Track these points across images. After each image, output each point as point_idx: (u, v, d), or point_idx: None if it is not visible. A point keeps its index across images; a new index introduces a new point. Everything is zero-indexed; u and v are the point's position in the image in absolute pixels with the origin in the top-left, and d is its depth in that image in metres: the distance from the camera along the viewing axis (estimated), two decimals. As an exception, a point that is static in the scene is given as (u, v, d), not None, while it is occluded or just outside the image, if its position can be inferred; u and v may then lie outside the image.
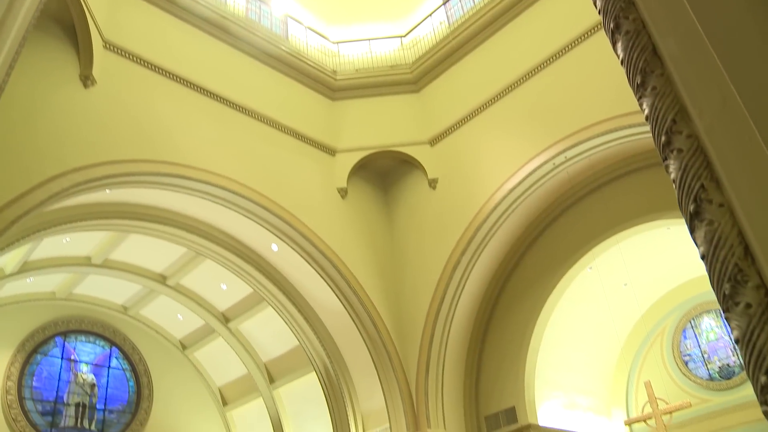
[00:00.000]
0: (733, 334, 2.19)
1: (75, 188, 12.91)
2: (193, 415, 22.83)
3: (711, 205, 2.34)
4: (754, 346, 2.10)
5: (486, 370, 18.60)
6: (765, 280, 2.16)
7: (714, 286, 2.28)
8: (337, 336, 18.22)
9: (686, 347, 20.51)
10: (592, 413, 20.16)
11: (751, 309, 2.15)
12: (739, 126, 2.31)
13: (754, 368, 2.09)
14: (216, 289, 20.71)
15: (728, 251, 2.24)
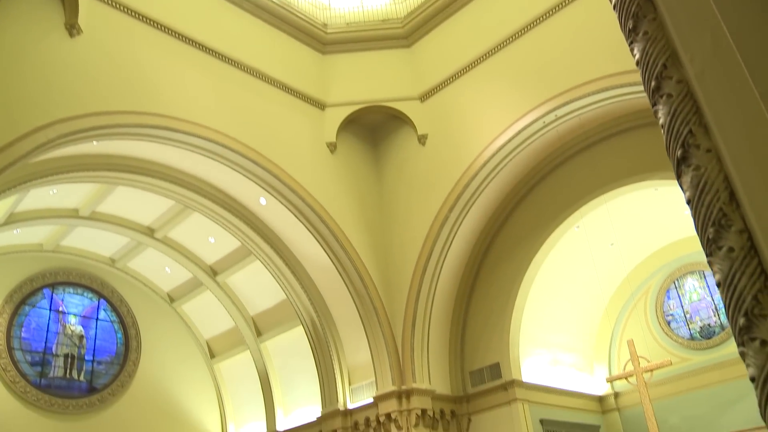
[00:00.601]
0: (715, 277, 2.21)
1: (61, 139, 12.77)
2: (181, 367, 23.02)
3: (698, 150, 2.33)
4: (734, 289, 2.12)
5: (471, 326, 18.81)
6: (748, 225, 2.17)
7: (698, 230, 2.30)
8: (324, 290, 18.32)
9: (669, 307, 20.80)
10: (575, 370, 20.50)
11: (733, 253, 2.16)
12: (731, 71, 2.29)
13: (733, 310, 2.12)
14: (204, 243, 20.71)
15: (714, 196, 2.25)
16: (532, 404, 17.81)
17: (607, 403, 20.76)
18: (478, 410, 18.06)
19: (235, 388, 23.34)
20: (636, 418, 19.40)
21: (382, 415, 17.22)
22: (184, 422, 22.42)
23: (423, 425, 17.16)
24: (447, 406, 18.06)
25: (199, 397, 23.16)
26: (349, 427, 18.11)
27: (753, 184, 2.18)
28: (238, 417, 23.28)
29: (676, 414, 19.17)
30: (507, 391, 17.55)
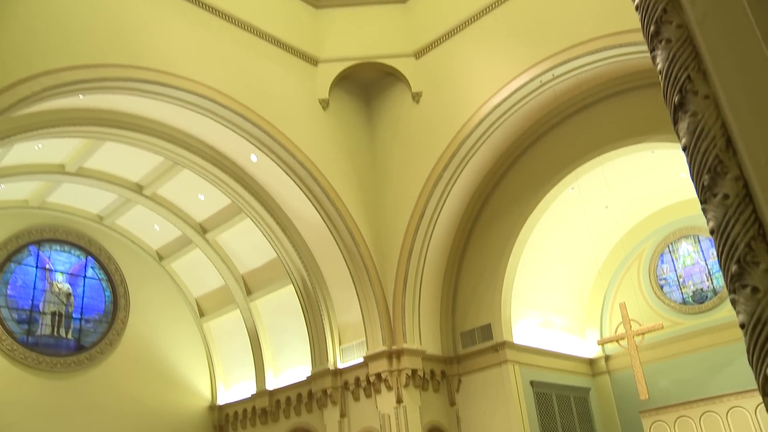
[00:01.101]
0: (709, 225, 2.21)
1: (46, 92, 12.62)
2: (170, 325, 23.15)
3: (696, 96, 2.32)
4: (727, 236, 2.12)
5: (463, 287, 18.95)
6: (744, 172, 2.17)
7: (693, 177, 2.29)
8: (315, 249, 18.38)
9: (662, 271, 20.97)
10: (566, 333, 20.73)
11: (728, 200, 2.16)
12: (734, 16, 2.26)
13: (726, 258, 2.13)
14: (193, 200, 20.66)
15: (710, 143, 2.24)
16: (522, 366, 18.05)
17: (598, 366, 21.06)
18: (469, 371, 18.29)
19: (225, 348, 23.52)
20: (626, 381, 19.70)
21: (372, 375, 17.43)
22: (173, 381, 22.63)
23: (413, 385, 17.38)
24: (437, 367, 18.28)
25: (189, 356, 23.34)
26: (339, 386, 18.33)
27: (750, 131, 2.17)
28: (227, 376, 23.51)
29: (666, 377, 19.48)
30: (498, 352, 17.76)
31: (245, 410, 22.14)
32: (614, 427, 20.34)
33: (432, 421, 17.78)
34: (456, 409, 18.30)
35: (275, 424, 21.05)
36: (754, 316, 2.01)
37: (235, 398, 22.81)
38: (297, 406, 20.38)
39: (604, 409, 20.61)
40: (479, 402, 17.94)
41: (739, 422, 16.01)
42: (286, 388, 20.76)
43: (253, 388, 21.89)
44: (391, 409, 17.06)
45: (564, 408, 19.22)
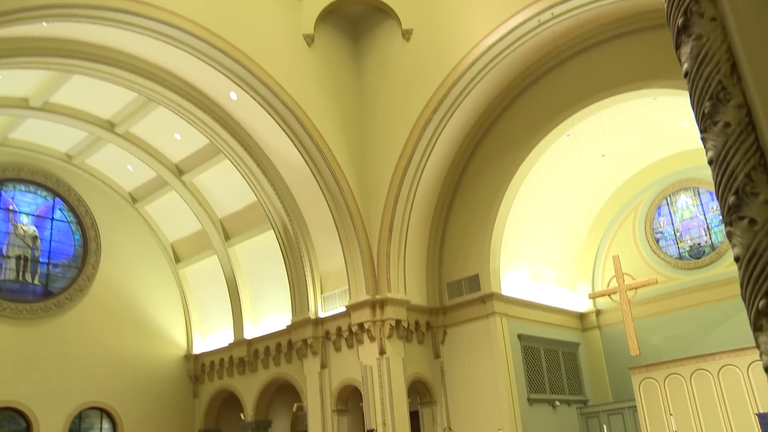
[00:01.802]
0: (708, 154, 2.20)
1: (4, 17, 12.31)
2: (144, 271, 23.18)
3: (702, 18, 2.27)
4: (727, 165, 2.11)
5: (451, 236, 19.01)
6: (748, 100, 2.14)
7: (694, 104, 2.27)
8: (297, 193, 18.33)
9: (659, 224, 21.12)
10: (556, 285, 20.95)
11: (729, 128, 2.14)
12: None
13: (724, 189, 2.11)
14: (169, 139, 20.47)
15: (714, 68, 2.21)
16: (510, 318, 18.27)
17: (588, 321, 21.37)
18: (455, 323, 18.50)
19: (201, 295, 23.62)
20: (616, 337, 20.01)
21: (355, 325, 17.59)
22: (147, 329, 22.75)
23: (397, 336, 17.58)
24: (422, 318, 18.47)
25: (163, 303, 23.43)
26: (320, 336, 18.51)
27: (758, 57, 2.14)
28: (204, 325, 23.67)
29: (658, 334, 19.80)
30: (485, 304, 17.95)
31: (222, 360, 22.39)
32: (603, 383, 20.74)
33: (415, 373, 18.04)
34: (440, 362, 18.56)
35: (253, 374, 21.32)
36: (750, 249, 2.01)
37: (211, 347, 23.04)
38: (276, 356, 20.62)
39: (593, 364, 20.98)
40: (465, 355, 18.19)
41: (730, 381, 16.32)
42: (265, 337, 20.97)
43: (230, 337, 22.08)
44: (374, 360, 17.27)
45: (552, 363, 19.55)
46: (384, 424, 16.44)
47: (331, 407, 18.07)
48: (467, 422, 17.70)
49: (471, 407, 17.75)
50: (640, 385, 17.72)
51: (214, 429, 22.99)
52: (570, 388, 19.93)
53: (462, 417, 17.87)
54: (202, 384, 23.25)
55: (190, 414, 23.09)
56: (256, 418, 21.12)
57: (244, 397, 21.58)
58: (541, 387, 18.85)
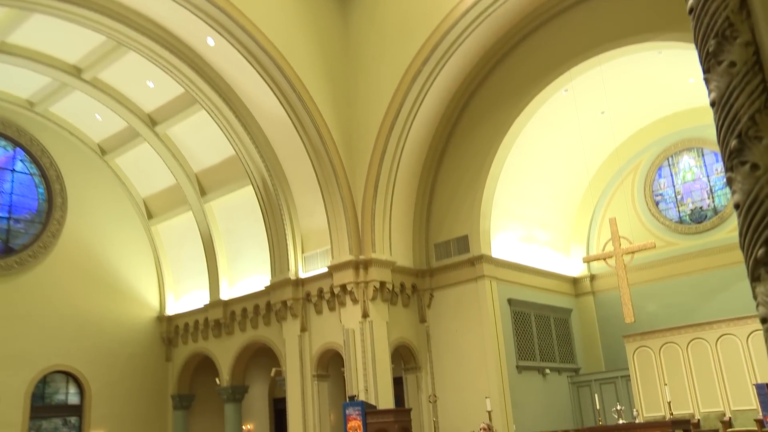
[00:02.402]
0: (710, 96, 2.19)
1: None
2: (114, 227, 23.07)
3: (708, -51, 2.24)
4: (730, 107, 2.10)
5: (440, 195, 19.03)
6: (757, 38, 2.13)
7: (698, 43, 2.25)
8: (277, 146, 18.24)
9: (659, 186, 21.20)
10: (549, 249, 21.09)
11: (734, 68, 2.13)
12: None
13: (726, 132, 2.11)
14: (141, 87, 20.23)
15: (721, 3, 2.19)
16: (500, 282, 18.41)
17: (582, 286, 21.57)
18: (442, 286, 18.63)
19: (175, 253, 23.61)
20: (611, 304, 20.22)
21: (337, 287, 17.67)
22: (117, 289, 22.73)
23: (381, 299, 17.68)
24: (408, 280, 18.58)
25: (135, 262, 23.39)
26: (300, 298, 18.59)
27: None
28: (178, 285, 23.70)
29: (654, 301, 20.01)
30: (474, 266, 18.06)
31: (197, 322, 22.48)
32: (595, 351, 21.01)
33: (400, 338, 18.20)
34: (426, 326, 18.72)
35: (229, 337, 21.43)
36: (751, 195, 2.02)
37: (185, 309, 23.11)
38: (254, 318, 20.72)
39: (586, 331, 21.24)
40: (451, 319, 18.34)
41: (728, 350, 16.54)
42: (242, 298, 21.04)
43: (206, 298, 22.14)
44: (356, 324, 17.39)
45: (543, 329, 19.77)
46: (366, 391, 16.60)
47: (311, 372, 18.23)
48: (453, 389, 17.92)
49: (457, 374, 17.96)
50: (634, 353, 17.95)
51: (187, 394, 23.18)
52: (561, 356, 20.20)
53: (448, 384, 18.08)
54: (175, 347, 23.37)
55: (163, 378, 23.23)
56: (233, 383, 21.28)
57: (219, 361, 21.71)
58: (531, 354, 19.08)
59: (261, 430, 23.59)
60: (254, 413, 23.60)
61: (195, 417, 23.24)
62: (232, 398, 21.30)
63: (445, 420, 17.79)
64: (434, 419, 17.46)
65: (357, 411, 13.98)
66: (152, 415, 22.68)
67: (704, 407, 16.65)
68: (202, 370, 23.00)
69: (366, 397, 16.13)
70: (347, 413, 14.08)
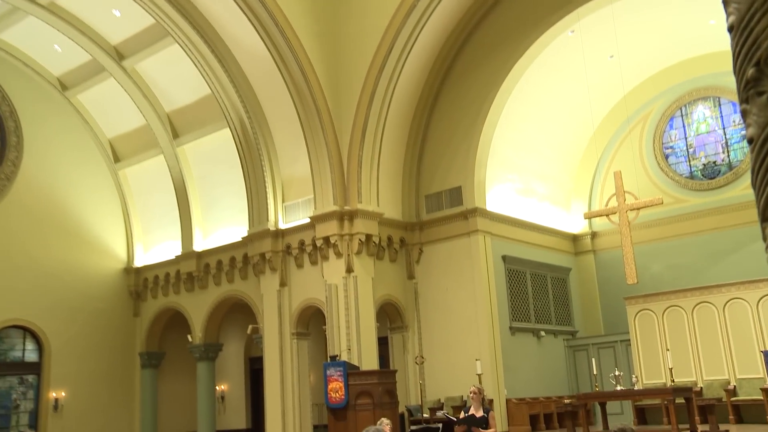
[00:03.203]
0: (728, 20, 2.18)
1: None
2: (77, 170, 22.87)
3: None
4: (750, 32, 2.09)
5: (432, 142, 19.02)
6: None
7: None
8: (257, 86, 18.13)
9: (670, 138, 21.21)
10: (548, 203, 21.17)
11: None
12: None
13: (743, 60, 2.11)
14: (107, 16, 19.95)
15: None
16: (494, 237, 18.53)
17: (582, 244, 21.73)
18: (432, 240, 18.74)
19: (145, 201, 23.55)
20: (613, 263, 20.38)
21: (320, 239, 17.73)
22: (81, 238, 22.61)
23: (366, 253, 17.77)
24: (396, 233, 18.67)
25: (100, 209, 23.26)
26: (279, 250, 18.65)
27: None
28: (147, 235, 23.69)
29: (659, 261, 20.18)
30: (467, 220, 18.14)
31: (167, 274, 22.54)
32: (594, 313, 21.25)
33: (386, 295, 18.34)
34: (414, 284, 18.88)
35: (203, 291, 21.50)
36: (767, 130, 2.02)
37: (155, 260, 23.16)
38: (230, 271, 20.79)
39: (585, 292, 21.46)
40: (441, 276, 18.48)
41: (737, 316, 16.71)
42: (217, 250, 21.10)
43: (177, 248, 22.17)
44: (340, 279, 17.50)
45: (539, 288, 19.98)
46: (349, 351, 16.76)
47: (291, 330, 18.38)
48: (441, 351, 18.13)
49: (446, 334, 18.16)
50: (635, 317, 18.15)
51: (156, 352, 23.33)
52: (557, 318, 20.46)
53: (436, 345, 18.28)
54: (144, 301, 23.46)
55: (130, 335, 23.34)
56: (206, 341, 21.43)
57: (192, 316, 21.83)
58: (526, 315, 19.30)
59: (236, 390, 23.86)
60: (229, 373, 23.84)
61: (165, 376, 23.42)
62: (205, 357, 21.46)
63: (432, 383, 18.05)
64: (421, 382, 17.71)
65: (339, 372, 14.11)
66: (118, 373, 22.81)
67: (708, 375, 16.92)
68: (173, 326, 23.13)
69: (348, 357, 16.27)
70: (328, 374, 14.21)
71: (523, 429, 16.94)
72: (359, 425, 12.18)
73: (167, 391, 23.33)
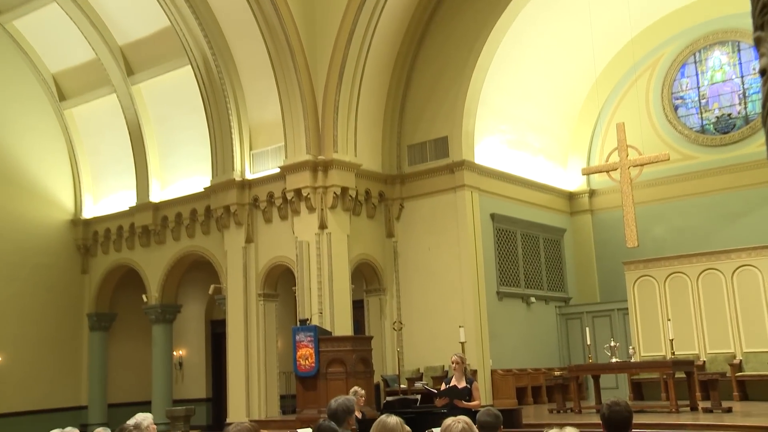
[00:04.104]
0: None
1: None
2: (14, 108, 22.49)
3: None
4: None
5: (417, 87, 19.04)
6: None
7: None
8: (223, 19, 18.04)
9: (681, 87, 21.20)
10: (543, 157, 21.26)
11: None
12: None
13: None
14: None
15: None
16: (483, 194, 18.65)
17: (578, 203, 21.91)
18: (414, 195, 18.87)
19: (95, 144, 23.39)
20: (612, 225, 20.59)
21: (290, 192, 17.77)
22: (19, 185, 22.33)
23: (342, 208, 17.83)
24: (375, 187, 18.78)
25: (42, 152, 23.01)
26: (246, 203, 18.69)
27: None
28: (98, 183, 23.55)
29: (662, 223, 20.37)
30: (454, 174, 18.24)
31: (120, 228, 22.47)
32: (590, 279, 21.50)
33: (363, 254, 18.48)
34: (394, 242, 19.04)
35: (160, 246, 21.48)
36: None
37: (107, 211, 23.07)
38: (190, 225, 20.75)
39: (580, 256, 21.71)
40: (424, 235, 18.62)
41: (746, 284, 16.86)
42: (177, 201, 21.06)
43: (132, 199, 22.10)
44: (312, 236, 17.57)
45: (530, 251, 20.17)
46: (320, 314, 16.89)
47: (257, 291, 18.50)
48: (422, 316, 18.35)
49: (428, 298, 18.36)
50: (635, 283, 18.36)
51: (107, 313, 23.35)
52: (549, 283, 20.70)
53: (416, 309, 18.49)
54: (93, 257, 23.42)
55: (77, 294, 23.31)
56: (162, 301, 21.49)
57: (147, 274, 21.86)
58: (515, 279, 19.51)
59: (195, 357, 23.95)
60: (188, 337, 23.92)
61: (116, 339, 23.46)
62: (162, 319, 21.55)
63: (410, 351, 18.27)
64: (398, 349, 17.90)
65: (309, 337, 14.25)
66: (63, 336, 22.77)
67: (712, 348, 17.18)
68: (126, 285, 23.12)
69: (320, 321, 16.40)
70: (297, 339, 14.35)
71: (508, 402, 17.10)
72: (330, 396, 11.94)
73: (119, 357, 23.38)
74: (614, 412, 4.79)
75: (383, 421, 4.91)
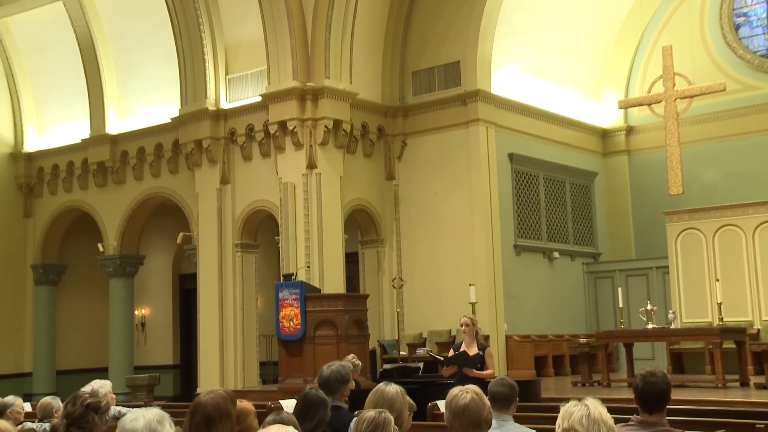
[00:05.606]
0: None
1: None
2: None
3: None
4: None
5: (425, 2, 19.07)
6: None
7: None
8: None
9: (744, 2, 21.15)
10: (571, 87, 21.45)
11: None
12: None
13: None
14: None
15: None
16: (500, 130, 18.85)
17: (613, 142, 22.08)
18: (420, 131, 19.10)
19: (38, 63, 23.37)
20: (652, 168, 20.76)
21: (274, 124, 17.93)
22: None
23: (334, 144, 18.08)
24: (373, 120, 19.00)
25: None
26: (221, 137, 18.95)
27: None
28: (43, 113, 23.70)
29: (714, 167, 20.42)
30: (466, 105, 18.44)
31: (71, 164, 22.60)
32: (624, 231, 21.79)
33: (358, 199, 18.80)
34: (395, 186, 19.32)
35: (119, 187, 21.68)
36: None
37: (54, 144, 23.17)
38: (155, 162, 20.90)
39: (614, 205, 21.92)
40: (430, 177, 18.89)
41: (811, 240, 17.07)
42: (139, 133, 21.16)
43: (85, 130, 22.16)
44: (299, 176, 17.77)
45: (554, 198, 20.46)
46: (308, 269, 17.13)
47: (233, 240, 18.78)
48: (426, 272, 18.65)
49: (433, 252, 18.64)
50: (677, 237, 18.33)
51: (56, 264, 23.57)
52: (576, 236, 20.93)
53: (419, 264, 18.79)
54: (38, 198, 23.55)
55: (20, 241, 23.47)
56: (122, 252, 21.69)
57: (104, 219, 21.97)
58: (536, 231, 19.76)
59: (161, 316, 24.31)
60: (152, 292, 24.25)
61: (66, 295, 23.76)
62: (121, 272, 21.82)
63: (412, 312, 18.65)
64: (398, 310, 18.22)
65: (294, 295, 14.48)
66: (3, 291, 22.91)
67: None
68: (78, 231, 23.31)
69: (307, 277, 16.67)
70: (281, 297, 14.60)
71: (525, 373, 17.25)
72: (318, 362, 12.13)
73: (69, 315, 23.64)
74: (649, 384, 4.84)
75: (382, 389, 5.13)
